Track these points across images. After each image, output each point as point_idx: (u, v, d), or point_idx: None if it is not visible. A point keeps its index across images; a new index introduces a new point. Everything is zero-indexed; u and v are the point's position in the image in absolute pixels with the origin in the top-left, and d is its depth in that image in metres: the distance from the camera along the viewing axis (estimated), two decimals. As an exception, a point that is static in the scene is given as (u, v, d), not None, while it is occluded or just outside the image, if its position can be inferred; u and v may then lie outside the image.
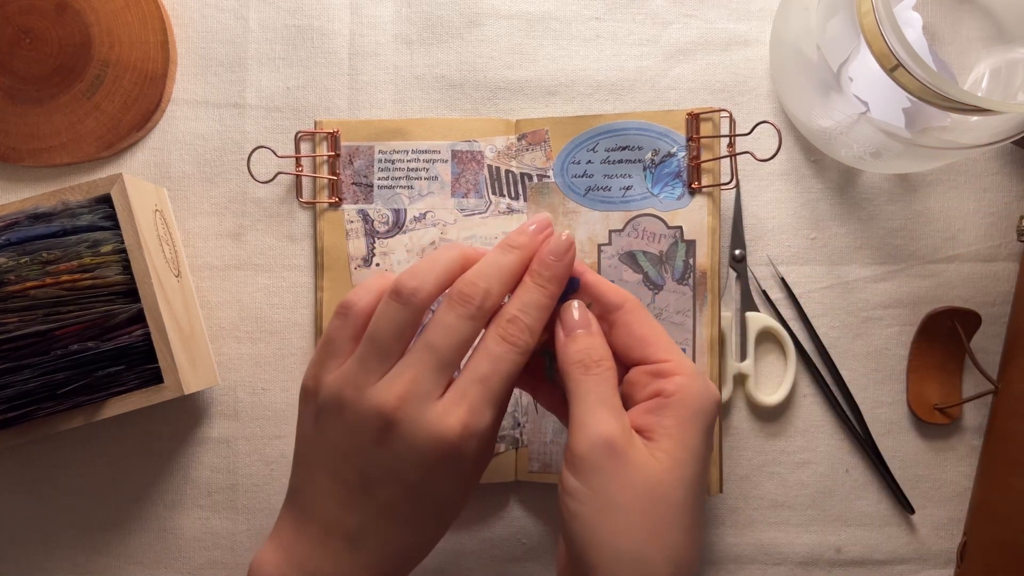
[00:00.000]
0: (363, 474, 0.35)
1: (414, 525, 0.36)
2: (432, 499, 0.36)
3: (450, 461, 0.34)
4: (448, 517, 0.37)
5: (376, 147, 0.48)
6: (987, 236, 0.49)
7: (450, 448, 0.34)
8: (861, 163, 0.47)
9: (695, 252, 0.46)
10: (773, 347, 0.49)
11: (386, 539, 0.36)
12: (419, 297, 0.35)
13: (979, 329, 0.48)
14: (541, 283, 0.36)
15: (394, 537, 0.36)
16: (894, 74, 0.38)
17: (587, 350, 0.36)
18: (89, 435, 0.49)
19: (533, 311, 0.36)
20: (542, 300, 0.36)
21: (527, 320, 0.35)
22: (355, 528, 0.35)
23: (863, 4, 0.38)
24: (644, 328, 0.37)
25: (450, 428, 0.34)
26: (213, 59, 0.50)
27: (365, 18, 0.50)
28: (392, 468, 0.35)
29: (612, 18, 0.50)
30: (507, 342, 0.35)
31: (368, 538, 0.35)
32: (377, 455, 0.34)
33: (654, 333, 0.37)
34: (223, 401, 0.49)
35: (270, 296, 0.49)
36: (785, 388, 0.48)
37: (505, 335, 0.35)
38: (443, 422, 0.34)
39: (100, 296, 0.41)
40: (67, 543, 0.49)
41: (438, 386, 0.34)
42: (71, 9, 0.48)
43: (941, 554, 0.49)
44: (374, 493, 0.35)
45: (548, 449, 0.47)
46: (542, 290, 0.36)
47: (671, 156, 0.47)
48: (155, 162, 0.50)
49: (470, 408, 0.34)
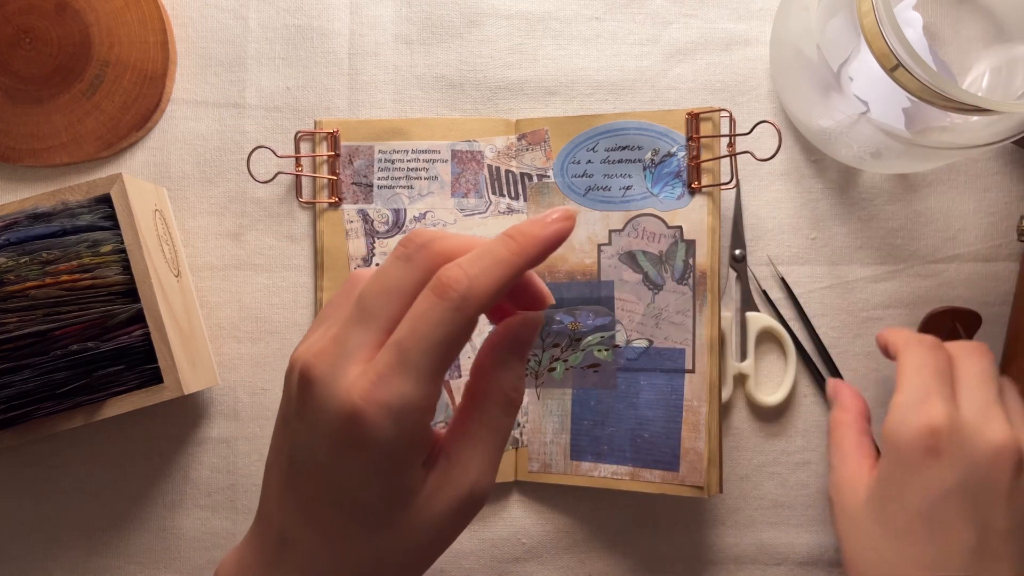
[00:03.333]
0: (290, 459, 0.30)
1: (334, 531, 0.30)
2: (349, 496, 0.29)
3: (356, 440, 0.28)
4: (378, 531, 0.30)
5: (376, 147, 0.48)
6: (987, 236, 0.49)
7: (350, 420, 0.27)
8: (861, 163, 0.47)
9: (695, 252, 0.46)
10: (773, 347, 0.49)
11: (310, 548, 0.30)
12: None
13: (979, 329, 0.48)
14: (509, 238, 0.29)
15: (317, 545, 0.30)
16: (894, 74, 0.38)
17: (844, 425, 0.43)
18: (89, 435, 0.49)
19: (484, 262, 0.28)
20: (501, 253, 0.28)
21: (470, 271, 0.28)
22: (281, 530, 0.31)
23: (863, 4, 0.38)
24: None
25: (353, 393, 0.27)
26: (213, 59, 0.50)
27: (365, 18, 0.50)
28: (307, 444, 0.29)
29: (612, 18, 0.50)
30: (435, 295, 0.27)
31: (293, 543, 0.31)
32: (297, 428, 0.30)
33: None
34: (223, 401, 0.49)
35: (270, 296, 0.49)
36: (785, 388, 0.48)
37: (435, 286, 0.28)
38: (351, 387, 0.27)
39: (100, 296, 0.41)
40: (67, 543, 0.49)
41: (362, 347, 0.28)
42: (71, 9, 0.48)
43: (941, 554, 0.49)
44: (295, 484, 0.30)
45: (548, 449, 0.47)
46: (506, 244, 0.29)
47: (671, 156, 0.47)
48: (155, 162, 0.50)
49: (377, 375, 0.27)
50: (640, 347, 0.47)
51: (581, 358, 0.47)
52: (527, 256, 0.29)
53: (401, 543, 0.30)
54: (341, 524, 0.30)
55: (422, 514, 0.29)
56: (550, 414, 0.47)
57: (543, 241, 0.29)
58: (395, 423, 0.27)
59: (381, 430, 0.27)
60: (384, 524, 0.29)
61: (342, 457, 0.28)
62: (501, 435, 0.31)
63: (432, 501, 0.29)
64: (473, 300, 0.28)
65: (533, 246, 0.29)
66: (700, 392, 0.46)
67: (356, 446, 0.28)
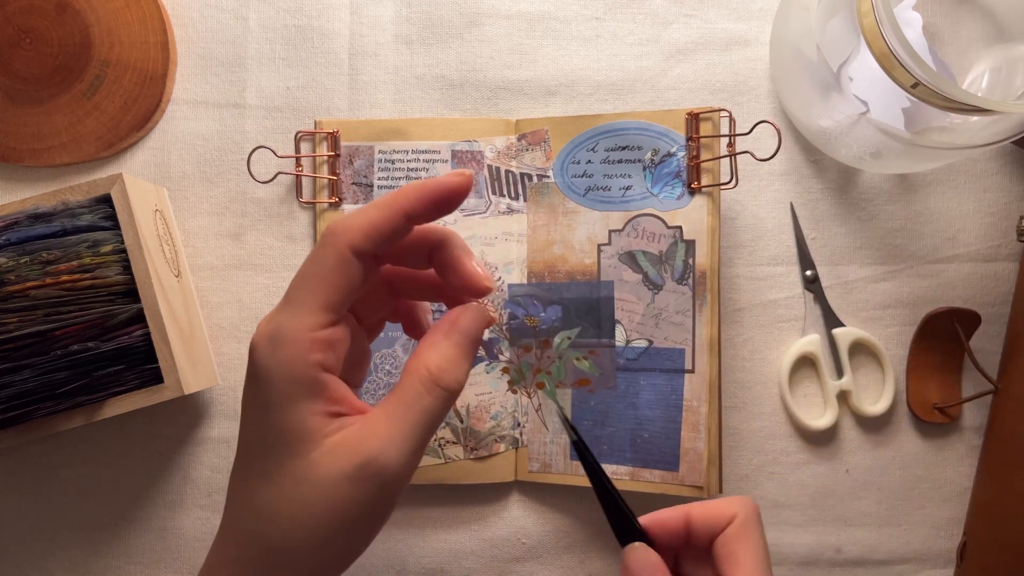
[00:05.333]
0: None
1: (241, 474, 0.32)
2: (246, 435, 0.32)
3: (249, 374, 0.31)
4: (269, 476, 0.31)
5: (376, 147, 0.48)
6: (987, 236, 0.49)
7: (248, 356, 0.31)
8: (861, 163, 0.47)
9: (695, 252, 0.46)
10: (868, 359, 0.49)
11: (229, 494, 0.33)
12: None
13: (979, 329, 0.48)
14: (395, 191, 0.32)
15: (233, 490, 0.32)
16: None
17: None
18: (89, 435, 0.49)
19: (364, 209, 0.31)
20: (382, 199, 0.32)
21: (348, 217, 0.31)
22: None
23: (863, 4, 0.39)
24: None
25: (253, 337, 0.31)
26: (213, 59, 0.50)
27: (365, 18, 0.50)
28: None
29: (612, 18, 0.50)
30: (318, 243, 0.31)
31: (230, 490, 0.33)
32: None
33: (745, 553, 0.34)
34: (223, 401, 0.49)
35: (270, 296, 0.49)
36: (888, 395, 0.48)
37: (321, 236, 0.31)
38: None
39: (100, 296, 0.41)
40: (67, 543, 0.49)
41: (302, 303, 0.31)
42: (71, 9, 0.48)
43: (941, 554, 0.49)
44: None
45: (548, 449, 0.47)
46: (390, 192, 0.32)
47: (671, 156, 0.47)
48: (155, 162, 0.50)
49: (266, 317, 0.31)
50: (640, 347, 0.47)
51: (564, 371, 0.45)
52: (407, 198, 0.31)
53: (291, 493, 0.30)
54: (241, 466, 0.32)
55: (314, 468, 0.30)
56: (550, 414, 0.47)
57: (426, 189, 0.31)
58: (272, 350, 0.30)
59: (262, 357, 0.30)
60: (274, 467, 0.30)
61: (244, 397, 0.31)
62: (420, 414, 0.31)
63: (327, 458, 0.30)
64: (341, 236, 0.30)
65: (414, 190, 0.31)
66: (700, 392, 0.46)
67: (249, 379, 0.31)
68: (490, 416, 0.48)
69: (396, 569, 0.49)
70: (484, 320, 0.34)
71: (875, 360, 0.49)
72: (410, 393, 0.31)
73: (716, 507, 0.35)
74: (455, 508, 0.49)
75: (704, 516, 0.35)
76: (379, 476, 0.30)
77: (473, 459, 0.47)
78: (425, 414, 0.31)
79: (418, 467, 0.47)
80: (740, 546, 0.34)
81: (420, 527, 0.49)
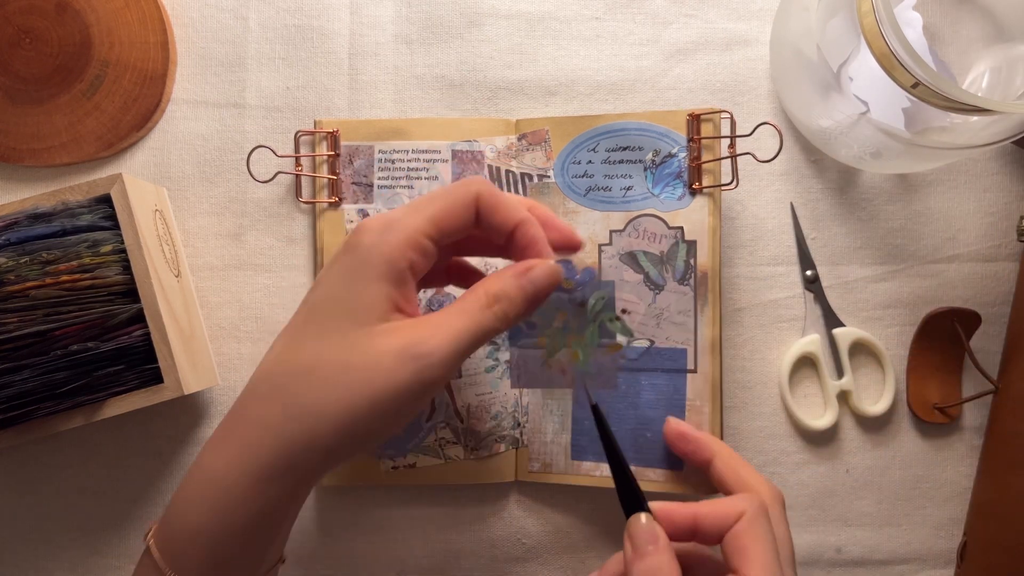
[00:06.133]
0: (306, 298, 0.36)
1: (321, 327, 0.34)
2: (330, 295, 0.34)
3: (350, 243, 0.34)
4: (342, 332, 0.33)
5: (376, 147, 0.48)
6: (987, 236, 0.49)
7: (355, 229, 0.35)
8: (861, 163, 0.47)
9: (696, 252, 0.46)
10: (868, 359, 0.49)
11: (306, 335, 0.35)
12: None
13: (979, 329, 0.48)
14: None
15: (312, 335, 0.34)
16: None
17: (652, 570, 0.34)
18: (89, 435, 0.49)
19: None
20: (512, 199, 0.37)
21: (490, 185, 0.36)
22: (292, 325, 0.35)
23: (863, 4, 0.39)
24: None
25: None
26: (213, 59, 0.50)
27: (365, 18, 0.50)
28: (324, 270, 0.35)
29: (612, 18, 0.50)
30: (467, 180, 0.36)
31: (292, 329, 0.35)
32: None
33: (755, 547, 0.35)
34: (223, 401, 0.49)
35: (270, 296, 0.49)
36: (888, 395, 0.48)
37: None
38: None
39: (100, 296, 0.41)
40: (67, 543, 0.49)
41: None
42: (71, 9, 0.48)
43: (941, 554, 0.49)
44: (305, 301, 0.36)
45: (548, 449, 0.47)
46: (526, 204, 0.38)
47: (672, 157, 0.47)
48: (155, 162, 0.50)
49: (391, 210, 0.36)
50: (641, 347, 0.47)
51: (597, 336, 0.45)
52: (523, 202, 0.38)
53: (340, 355, 0.33)
54: (298, 326, 0.35)
55: (369, 338, 0.33)
56: (550, 414, 0.47)
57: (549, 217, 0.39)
58: (382, 233, 0.33)
59: (370, 235, 0.34)
60: (335, 329, 0.33)
61: (330, 267, 0.34)
62: (471, 323, 0.34)
63: (382, 335, 0.33)
64: (477, 185, 0.35)
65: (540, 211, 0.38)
66: (702, 392, 0.46)
67: (346, 251, 0.34)
68: (490, 416, 0.47)
69: (396, 569, 0.49)
70: (556, 278, 0.36)
71: (875, 360, 0.49)
72: (467, 304, 0.34)
73: (724, 505, 0.36)
74: (455, 508, 0.49)
75: (712, 515, 0.36)
76: (420, 360, 0.32)
77: (473, 459, 0.47)
78: (475, 325, 0.34)
79: (419, 465, 0.47)
80: (749, 540, 0.35)
81: (420, 527, 0.49)
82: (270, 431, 0.33)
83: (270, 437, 0.33)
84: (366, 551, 0.49)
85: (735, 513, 0.36)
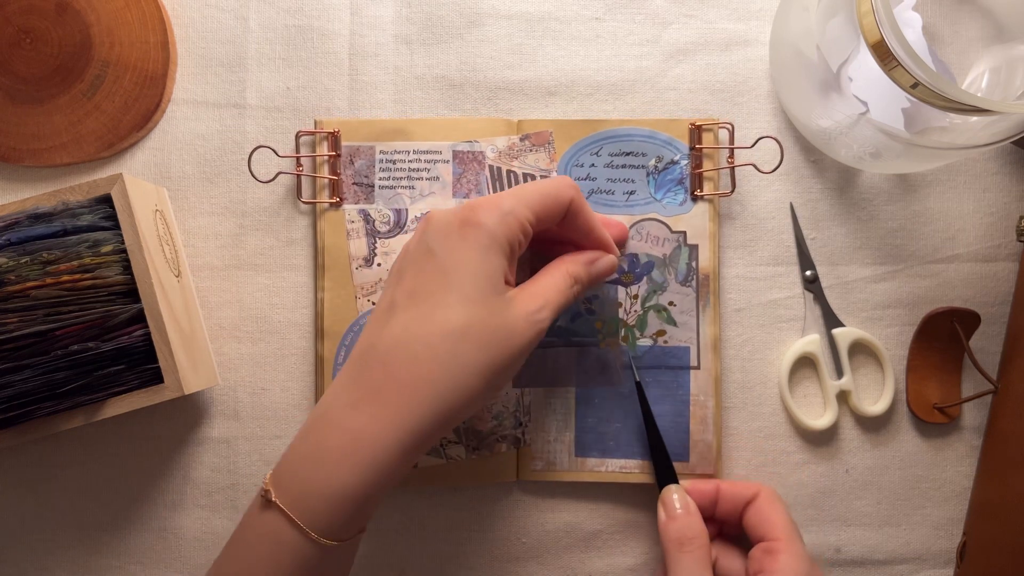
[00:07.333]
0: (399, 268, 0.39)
1: (433, 300, 0.37)
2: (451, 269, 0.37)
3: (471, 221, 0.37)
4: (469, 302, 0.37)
5: (377, 147, 0.48)
6: (987, 236, 0.49)
7: (470, 207, 0.38)
8: (861, 163, 0.47)
9: (698, 255, 0.47)
10: (868, 359, 0.49)
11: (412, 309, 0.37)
12: None
13: (979, 329, 0.48)
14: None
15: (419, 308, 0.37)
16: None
17: (683, 529, 0.42)
18: (89, 435, 0.49)
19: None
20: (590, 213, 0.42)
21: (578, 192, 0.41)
22: (392, 300, 0.38)
23: (863, 4, 0.39)
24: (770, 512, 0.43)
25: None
26: (213, 59, 0.50)
27: (365, 18, 0.50)
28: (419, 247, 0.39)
29: (612, 18, 0.50)
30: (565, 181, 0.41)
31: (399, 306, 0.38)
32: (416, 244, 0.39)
33: (776, 515, 0.43)
34: (223, 401, 0.49)
35: (270, 296, 0.49)
36: (888, 395, 0.48)
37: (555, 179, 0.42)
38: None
39: (100, 296, 0.41)
40: (67, 543, 0.49)
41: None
42: (71, 9, 0.48)
43: (941, 554, 0.49)
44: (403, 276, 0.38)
45: (551, 448, 0.48)
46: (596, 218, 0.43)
47: (674, 164, 0.47)
48: (155, 162, 0.50)
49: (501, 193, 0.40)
50: (645, 345, 0.47)
51: (646, 322, 0.47)
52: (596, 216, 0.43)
53: (486, 319, 0.37)
54: (440, 294, 0.37)
55: (507, 306, 0.37)
56: (552, 413, 0.48)
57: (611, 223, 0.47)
58: (502, 216, 0.37)
59: (491, 216, 0.37)
60: (478, 297, 0.37)
61: (454, 239, 0.37)
62: (561, 296, 0.39)
63: (513, 304, 0.38)
64: (571, 190, 0.40)
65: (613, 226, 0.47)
66: (706, 387, 0.47)
67: (469, 229, 0.37)
68: (492, 416, 0.48)
69: (397, 569, 0.49)
70: (613, 270, 0.43)
71: (875, 360, 0.49)
72: (557, 282, 0.40)
73: (742, 484, 0.45)
74: (456, 508, 0.49)
75: (732, 490, 0.45)
76: (538, 325, 0.38)
77: (475, 459, 0.47)
78: (564, 299, 0.40)
79: (420, 465, 0.47)
80: (771, 512, 0.43)
81: (420, 527, 0.49)
82: (433, 388, 0.35)
83: (430, 398, 0.35)
84: (367, 551, 0.49)
85: (751, 492, 0.44)
